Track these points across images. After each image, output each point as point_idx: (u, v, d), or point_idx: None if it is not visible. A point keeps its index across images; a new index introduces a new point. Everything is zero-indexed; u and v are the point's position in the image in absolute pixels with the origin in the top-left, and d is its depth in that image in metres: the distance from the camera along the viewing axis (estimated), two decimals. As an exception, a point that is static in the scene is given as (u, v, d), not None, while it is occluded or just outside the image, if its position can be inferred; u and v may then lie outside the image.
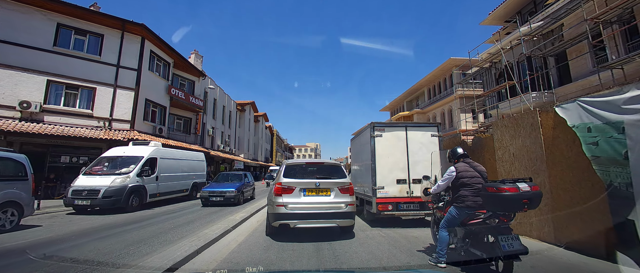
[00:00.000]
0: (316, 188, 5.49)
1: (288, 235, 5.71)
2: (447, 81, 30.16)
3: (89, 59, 15.06)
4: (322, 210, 5.40)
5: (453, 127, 27.71)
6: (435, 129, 7.52)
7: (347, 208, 5.49)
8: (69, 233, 6.19)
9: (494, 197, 3.26)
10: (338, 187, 5.56)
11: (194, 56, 23.39)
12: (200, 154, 14.92)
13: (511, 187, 3.15)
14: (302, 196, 5.43)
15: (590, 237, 4.27)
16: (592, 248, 4.27)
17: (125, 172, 9.57)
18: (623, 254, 3.68)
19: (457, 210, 3.77)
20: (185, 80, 22.08)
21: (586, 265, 3.97)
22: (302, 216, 5.32)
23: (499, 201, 3.23)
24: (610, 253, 3.94)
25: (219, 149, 28.54)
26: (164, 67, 18.98)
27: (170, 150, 12.39)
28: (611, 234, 4.03)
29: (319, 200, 5.45)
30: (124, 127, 15.54)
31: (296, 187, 5.46)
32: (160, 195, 10.90)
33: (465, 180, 3.79)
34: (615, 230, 3.98)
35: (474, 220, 3.69)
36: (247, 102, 39.30)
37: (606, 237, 4.07)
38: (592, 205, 4.27)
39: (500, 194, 3.17)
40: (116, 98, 15.57)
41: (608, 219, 4.10)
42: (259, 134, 46.21)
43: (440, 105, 30.06)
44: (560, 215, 4.87)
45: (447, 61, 27.83)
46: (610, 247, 3.95)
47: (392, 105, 45.03)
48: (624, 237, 3.80)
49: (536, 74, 14.92)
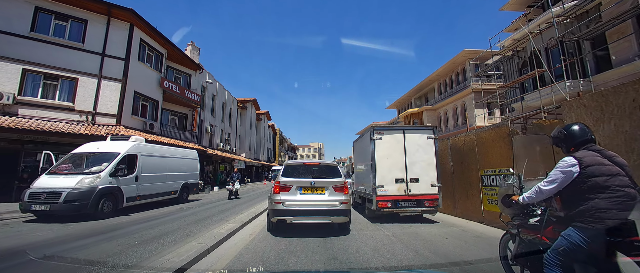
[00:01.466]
0: (311, 186, 5.89)
1: (292, 232, 6.02)
2: (459, 75, 28.35)
3: (71, 46, 13.61)
4: (317, 207, 5.75)
5: (467, 124, 25.91)
6: (431, 132, 7.87)
7: (341, 206, 5.83)
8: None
9: None
10: (332, 186, 5.93)
11: (191, 48, 21.90)
12: (192, 152, 13.38)
13: None
14: (299, 194, 5.85)
15: None
16: None
17: (95, 171, 8.04)
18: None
19: (584, 235, 2.12)
20: (180, 74, 20.60)
21: None
22: (298, 212, 5.72)
23: None
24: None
25: (219, 148, 27.05)
26: (156, 58, 17.49)
27: (154, 146, 10.86)
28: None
29: (314, 198, 5.82)
30: (109, 122, 14.06)
31: (293, 185, 5.90)
32: (141, 198, 9.36)
33: (601, 180, 2.17)
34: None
35: (629, 256, 1.99)
36: (248, 100, 37.81)
37: None
38: None
39: None
40: (101, 90, 14.10)
41: None
42: (261, 133, 44.72)
43: (452, 101, 28.26)
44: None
45: (461, 53, 26.03)
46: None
47: (399, 102, 43.27)
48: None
49: (572, 59, 13.14)
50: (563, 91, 12.76)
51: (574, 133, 2.43)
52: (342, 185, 5.99)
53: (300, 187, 5.91)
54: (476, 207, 7.49)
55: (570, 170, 2.25)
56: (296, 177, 6.11)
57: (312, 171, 6.35)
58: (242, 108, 35.82)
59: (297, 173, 6.27)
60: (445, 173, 8.74)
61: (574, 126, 2.47)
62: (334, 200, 5.83)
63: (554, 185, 2.32)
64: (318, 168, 6.47)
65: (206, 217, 8.32)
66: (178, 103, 19.65)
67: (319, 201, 5.81)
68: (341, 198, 5.86)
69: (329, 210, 5.77)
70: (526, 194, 2.57)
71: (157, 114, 17.29)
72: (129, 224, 7.24)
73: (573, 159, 2.27)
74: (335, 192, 5.89)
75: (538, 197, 2.45)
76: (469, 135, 7.83)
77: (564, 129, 2.52)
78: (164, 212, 9.24)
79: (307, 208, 5.75)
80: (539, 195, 2.43)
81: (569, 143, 2.46)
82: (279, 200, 5.79)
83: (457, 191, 8.43)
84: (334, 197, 5.85)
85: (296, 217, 5.74)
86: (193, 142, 20.48)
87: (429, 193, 7.47)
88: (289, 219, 5.75)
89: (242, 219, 7.40)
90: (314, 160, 7.29)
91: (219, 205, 11.38)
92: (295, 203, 5.77)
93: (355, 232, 6.34)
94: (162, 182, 10.46)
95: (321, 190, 5.90)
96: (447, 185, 8.57)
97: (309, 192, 5.88)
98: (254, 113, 40.89)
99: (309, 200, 5.81)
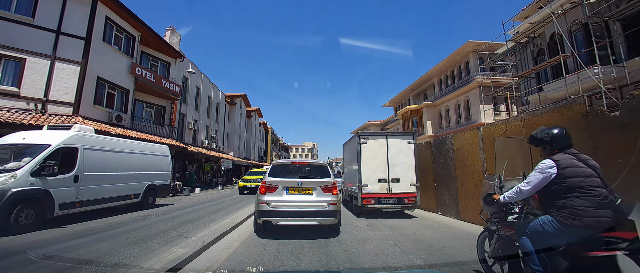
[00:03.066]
0: (298, 187, 5.73)
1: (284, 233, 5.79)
2: (463, 69, 26.71)
3: (18, 20, 11.36)
4: (304, 209, 5.59)
5: (471, 121, 24.30)
6: (411, 137, 8.65)
7: (329, 207, 5.64)
8: None
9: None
10: (321, 186, 5.76)
11: (170, 33, 19.67)
12: (162, 147, 11.26)
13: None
14: (285, 194, 5.69)
15: None
16: None
17: (10, 169, 5.92)
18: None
19: (560, 226, 2.28)
20: (157, 61, 18.38)
21: None
22: (284, 214, 5.56)
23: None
24: None
25: (204, 145, 24.85)
26: (126, 40, 15.28)
27: (106, 138, 8.72)
28: None
29: (301, 199, 5.67)
30: (64, 111, 11.85)
31: (279, 185, 5.73)
32: (83, 204, 7.23)
33: (576, 180, 2.31)
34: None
35: (597, 251, 2.08)
36: (237, 95, 35.60)
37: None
38: None
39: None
40: (55, 73, 11.88)
41: None
42: (251, 131, 42.51)
43: (454, 97, 26.62)
44: None
45: (464, 45, 24.39)
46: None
47: (395, 99, 41.59)
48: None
49: (603, 41, 11.47)
50: (595, 78, 11.06)
51: (560, 137, 2.55)
52: (330, 185, 5.80)
53: (287, 187, 5.75)
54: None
55: (549, 171, 2.41)
56: (283, 176, 5.92)
57: (301, 171, 6.19)
58: (231, 104, 33.61)
59: (285, 173, 6.07)
60: (476, 172, 7.00)
61: (559, 130, 2.58)
62: (322, 201, 5.67)
63: (533, 186, 2.48)
64: (307, 168, 6.33)
65: (161, 232, 6.25)
66: (154, 94, 17.43)
67: (306, 202, 5.66)
68: (329, 199, 5.69)
69: (317, 211, 5.61)
70: (507, 194, 2.74)
71: (128, 105, 15.07)
72: (51, 242, 5.18)
73: (552, 162, 2.43)
74: (323, 193, 5.73)
75: (518, 196, 2.64)
76: (515, 121, 5.98)
77: (543, 132, 2.64)
78: (112, 223, 7.14)
79: (293, 209, 5.58)
80: (519, 195, 2.62)
81: (554, 146, 2.56)
82: (265, 200, 5.63)
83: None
84: (322, 198, 5.69)
85: (282, 219, 5.60)
86: (172, 138, 18.30)
87: (408, 192, 8.18)
88: (274, 220, 5.61)
89: (205, 239, 5.35)
90: (303, 160, 7.04)
91: (189, 213, 9.32)
92: (282, 204, 5.61)
93: (342, 224, 6.62)
94: (116, 183, 8.33)
95: (309, 191, 5.76)
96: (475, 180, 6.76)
97: (295, 193, 5.73)
98: (244, 109, 38.68)
99: (296, 201, 5.65)
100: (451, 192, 8.11)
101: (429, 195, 9.32)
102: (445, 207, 8.46)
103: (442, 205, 8.65)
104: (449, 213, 8.24)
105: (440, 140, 8.82)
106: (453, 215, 8.03)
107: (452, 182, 8.04)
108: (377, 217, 8.36)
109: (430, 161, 9.32)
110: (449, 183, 8.24)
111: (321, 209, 5.62)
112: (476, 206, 6.96)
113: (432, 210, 9.07)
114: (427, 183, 9.32)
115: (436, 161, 8.99)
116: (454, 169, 7.97)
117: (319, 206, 5.62)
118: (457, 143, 7.84)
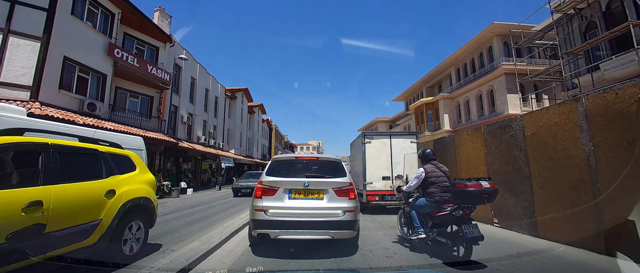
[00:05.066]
0: (305, 189, 4.40)
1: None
2: (485, 56, 24.12)
3: (-39, -14, 9.28)
4: (312, 218, 4.28)
5: (495, 113, 21.76)
6: (414, 137, 9.09)
7: (345, 216, 4.32)
8: None
9: (462, 192, 3.80)
10: (334, 188, 4.43)
11: (159, 14, 17.50)
12: (134, 139, 9.01)
13: (475, 184, 3.75)
14: (287, 199, 4.39)
15: None
16: None
17: None
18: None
19: (427, 202, 4.34)
20: (144, 45, 16.23)
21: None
22: (286, 225, 4.23)
23: (466, 195, 3.78)
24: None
25: (200, 142, 22.73)
26: (104, 17, 13.15)
27: (42, 123, 6.50)
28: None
29: (308, 205, 4.35)
30: (18, 96, 9.74)
31: (279, 187, 4.42)
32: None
33: (433, 179, 4.34)
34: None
35: (440, 212, 4.19)
36: (238, 89, 33.42)
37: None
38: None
39: (467, 190, 3.74)
40: (8, 50, 9.79)
41: None
42: (254, 128, 40.35)
43: (476, 87, 24.04)
44: None
45: (489, 28, 21.80)
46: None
47: (406, 93, 39.04)
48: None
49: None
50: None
51: (426, 154, 4.73)
52: (346, 187, 4.49)
53: (290, 189, 4.43)
54: None
55: (420, 175, 4.44)
56: (285, 176, 4.66)
57: (307, 168, 4.89)
58: (231, 98, 31.45)
59: (288, 171, 4.83)
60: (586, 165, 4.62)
61: (427, 150, 4.81)
62: (336, 207, 4.35)
63: (414, 183, 4.53)
64: (315, 164, 5.05)
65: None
66: (139, 81, 15.30)
67: (315, 209, 4.33)
68: (345, 205, 4.36)
69: (329, 221, 4.28)
70: (405, 187, 4.87)
71: (105, 92, 12.93)
72: None
73: (422, 169, 4.50)
74: (337, 197, 4.40)
75: (409, 189, 4.70)
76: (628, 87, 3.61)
77: (423, 151, 4.81)
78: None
79: (298, 219, 4.25)
80: (409, 188, 4.68)
81: (424, 159, 4.74)
82: (261, 207, 4.32)
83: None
84: (336, 204, 4.37)
85: (283, 231, 4.22)
86: (161, 132, 16.16)
87: None
88: (272, 233, 4.25)
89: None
90: (311, 155, 5.44)
91: (160, 225, 7.13)
92: (282, 212, 4.30)
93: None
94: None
95: (318, 194, 4.42)
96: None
97: (301, 197, 4.41)
98: (245, 105, 36.53)
99: (301, 207, 4.32)
100: (520, 196, 5.73)
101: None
102: (509, 217, 6.09)
103: (503, 214, 6.28)
104: (516, 227, 5.86)
105: (499, 124, 6.42)
106: (523, 229, 5.65)
107: (523, 183, 5.66)
108: (381, 213, 8.65)
109: (480, 154, 6.96)
110: (516, 184, 5.86)
111: (335, 218, 4.28)
112: (572, 217, 4.61)
113: (485, 220, 6.70)
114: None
115: (491, 154, 6.61)
116: (526, 164, 5.60)
117: (331, 214, 4.31)
118: (533, 126, 5.46)
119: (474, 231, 3.70)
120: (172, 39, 17.69)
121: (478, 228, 3.76)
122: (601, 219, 4.18)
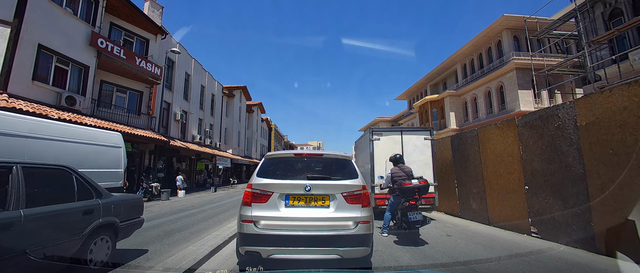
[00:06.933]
0: (306, 194, 3.38)
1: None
2: (493, 51, 23.03)
3: None
4: (315, 232, 3.26)
5: (506, 110, 20.68)
6: (428, 133, 8.13)
7: (357, 229, 3.31)
8: None
9: (402, 189, 5.29)
10: (343, 193, 3.40)
11: (149, 4, 16.43)
12: (110, 136, 7.97)
13: (408, 182, 5.28)
14: (283, 207, 3.37)
15: None
16: None
17: None
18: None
19: (394, 199, 5.65)
20: (132, 37, 15.17)
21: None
22: (282, 241, 3.21)
23: (403, 191, 5.29)
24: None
25: (195, 141, 21.66)
26: (86, 4, 12.09)
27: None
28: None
29: (309, 215, 3.34)
30: (-17, 88, 8.67)
31: (274, 192, 3.38)
32: None
33: (397, 178, 5.53)
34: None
35: (400, 204, 5.51)
36: (236, 87, 32.38)
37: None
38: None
39: (403, 187, 5.27)
40: (-28, 36, 8.72)
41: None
42: (253, 127, 39.31)
43: (484, 83, 22.96)
44: None
45: (498, 20, 20.72)
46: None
47: (410, 92, 38.00)
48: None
49: None
50: None
51: (395, 159, 5.92)
52: (358, 191, 3.43)
53: (287, 194, 3.39)
54: None
55: (389, 175, 5.75)
56: (281, 177, 3.56)
57: (309, 168, 3.86)
58: (229, 96, 30.40)
59: (284, 171, 3.71)
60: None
61: (396, 155, 6.01)
62: (346, 218, 3.33)
63: (385, 181, 5.91)
64: (320, 163, 3.92)
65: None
66: (127, 75, 14.24)
67: (318, 220, 3.31)
68: (357, 214, 3.34)
69: (337, 236, 3.24)
70: (379, 186, 6.73)
71: (86, 85, 11.86)
72: None
73: (390, 171, 5.79)
74: (347, 204, 3.37)
75: (383, 186, 6.02)
76: None
77: (393, 156, 6.00)
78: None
79: (297, 233, 3.22)
80: (383, 186, 6.03)
81: (395, 163, 5.89)
82: (250, 217, 3.30)
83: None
84: (345, 214, 3.34)
85: (277, 249, 3.20)
86: (150, 130, 15.09)
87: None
88: (264, 252, 3.18)
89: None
90: (313, 151, 4.29)
91: (135, 235, 6.01)
92: (277, 224, 3.30)
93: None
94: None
95: (323, 201, 3.38)
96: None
97: (301, 204, 3.38)
98: (244, 103, 35.48)
99: (301, 218, 3.31)
100: (570, 201, 4.65)
101: (508, 204, 5.93)
102: (553, 227, 5.02)
103: (545, 222, 5.20)
104: (563, 239, 4.78)
105: (540, 114, 5.31)
106: (575, 243, 4.57)
107: (575, 185, 4.58)
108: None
109: (514, 151, 5.88)
110: (563, 185, 4.78)
111: (344, 232, 3.30)
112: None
113: (520, 229, 5.61)
114: (507, 186, 5.92)
115: (529, 150, 5.52)
116: (579, 161, 4.52)
117: (340, 227, 3.33)
118: (589, 114, 4.38)
119: (416, 217, 5.13)
120: (163, 31, 16.62)
121: (422, 215, 5.18)
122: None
